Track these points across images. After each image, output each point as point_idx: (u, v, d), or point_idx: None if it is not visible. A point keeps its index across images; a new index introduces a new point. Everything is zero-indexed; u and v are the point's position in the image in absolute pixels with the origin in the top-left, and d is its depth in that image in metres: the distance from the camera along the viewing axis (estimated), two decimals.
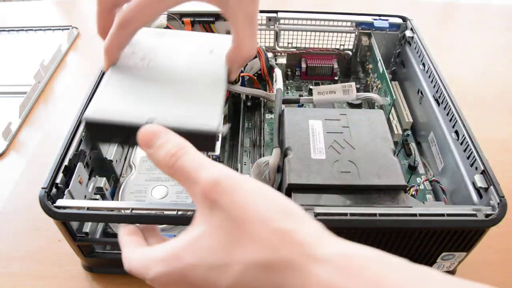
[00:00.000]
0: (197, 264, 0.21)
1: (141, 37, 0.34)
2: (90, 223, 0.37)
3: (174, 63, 0.33)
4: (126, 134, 0.28)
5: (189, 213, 0.33)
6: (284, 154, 0.40)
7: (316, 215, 0.33)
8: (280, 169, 0.40)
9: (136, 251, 0.25)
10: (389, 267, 0.19)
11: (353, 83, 0.47)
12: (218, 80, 0.32)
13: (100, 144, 0.43)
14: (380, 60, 0.54)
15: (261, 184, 0.23)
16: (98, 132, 0.29)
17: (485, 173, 0.37)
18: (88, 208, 0.32)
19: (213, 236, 0.22)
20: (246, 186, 0.22)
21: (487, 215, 0.33)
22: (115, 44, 0.30)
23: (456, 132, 0.42)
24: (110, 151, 0.45)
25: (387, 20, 0.57)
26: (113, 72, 0.31)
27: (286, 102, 0.50)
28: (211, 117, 0.29)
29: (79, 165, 0.37)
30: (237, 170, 0.46)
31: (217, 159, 0.43)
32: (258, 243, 0.20)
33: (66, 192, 0.35)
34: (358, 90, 0.57)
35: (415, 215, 0.33)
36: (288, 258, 0.20)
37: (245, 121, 0.54)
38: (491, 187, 0.35)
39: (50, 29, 0.76)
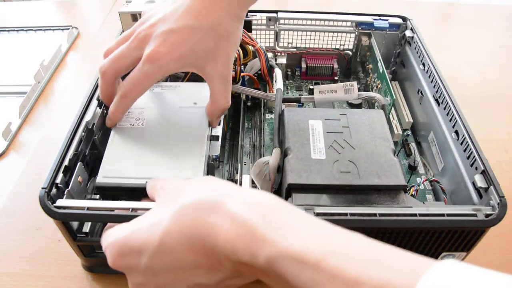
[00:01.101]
0: (138, 228, 0.26)
1: None
2: (90, 223, 0.37)
3: (164, 120, 0.40)
4: (130, 193, 0.35)
5: None
6: (284, 154, 0.40)
7: (316, 215, 0.33)
8: (280, 169, 0.40)
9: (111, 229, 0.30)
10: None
11: (354, 83, 0.47)
12: (201, 132, 0.39)
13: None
14: (380, 60, 0.54)
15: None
16: (107, 193, 0.36)
17: (485, 173, 0.37)
18: (88, 208, 0.32)
19: (156, 208, 0.28)
20: (191, 182, 0.29)
21: (487, 215, 0.33)
22: (119, 110, 0.38)
23: (456, 132, 0.42)
24: None
25: (387, 20, 0.58)
26: (115, 134, 0.39)
27: (287, 101, 0.50)
28: (197, 174, 0.36)
29: (79, 165, 0.37)
30: (237, 170, 0.46)
31: (217, 159, 0.43)
32: (182, 197, 0.26)
33: (66, 192, 0.35)
34: (358, 90, 0.57)
35: (415, 215, 0.33)
36: (211, 198, 0.25)
37: (245, 121, 0.54)
38: (491, 187, 0.35)
39: (50, 29, 0.76)
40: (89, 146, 0.40)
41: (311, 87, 0.60)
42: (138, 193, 0.34)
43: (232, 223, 0.23)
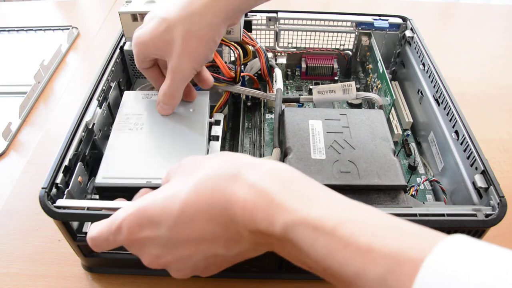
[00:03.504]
0: (156, 200, 0.26)
1: (133, 101, 0.43)
2: (90, 223, 0.37)
3: (162, 124, 0.41)
4: (130, 193, 0.34)
5: None
6: (284, 154, 0.40)
7: None
8: None
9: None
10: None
11: (352, 82, 0.47)
12: (200, 134, 0.40)
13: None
14: (380, 60, 0.54)
15: None
16: (107, 193, 0.36)
17: (485, 173, 0.37)
18: (88, 208, 0.32)
19: (173, 181, 0.28)
20: (208, 156, 0.29)
21: (487, 215, 0.33)
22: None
23: (456, 132, 0.42)
24: None
25: (387, 20, 0.58)
26: (114, 137, 0.39)
27: (286, 101, 0.50)
28: None
29: (79, 165, 0.37)
30: None
31: None
32: (201, 170, 0.26)
33: (66, 192, 0.35)
34: (358, 90, 0.57)
35: (415, 215, 0.33)
36: (231, 169, 0.25)
37: (245, 121, 0.54)
38: (491, 187, 0.35)
39: (50, 29, 0.76)
40: (89, 146, 0.40)
41: (311, 87, 0.60)
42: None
43: (251, 191, 0.24)
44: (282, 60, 0.59)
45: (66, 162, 0.36)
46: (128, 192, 0.35)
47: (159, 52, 0.37)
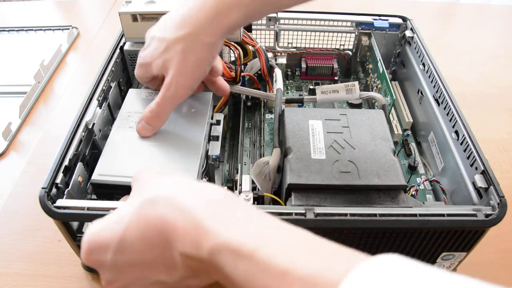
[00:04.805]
0: (105, 225, 0.27)
1: (136, 99, 0.43)
2: (90, 223, 0.37)
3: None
4: (124, 191, 0.34)
5: None
6: (284, 154, 0.40)
7: (316, 215, 0.33)
8: (280, 169, 0.40)
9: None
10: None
11: (356, 82, 0.47)
12: (198, 136, 0.40)
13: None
14: (380, 60, 0.54)
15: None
16: (102, 190, 0.36)
17: (485, 173, 0.37)
18: (88, 208, 0.32)
19: (125, 202, 0.28)
20: (154, 177, 0.29)
21: (487, 215, 0.33)
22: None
23: (456, 132, 0.42)
24: None
25: (387, 20, 0.58)
26: (114, 135, 0.39)
27: (289, 101, 0.50)
28: (191, 175, 0.36)
29: (79, 165, 0.37)
30: (237, 170, 0.46)
31: (217, 159, 0.43)
32: (144, 192, 0.27)
33: (66, 192, 0.35)
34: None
35: (415, 215, 0.33)
36: (166, 192, 0.26)
37: (245, 121, 0.54)
38: (491, 187, 0.35)
39: (50, 29, 0.76)
40: (89, 146, 0.40)
41: (312, 87, 0.60)
42: None
43: (182, 216, 0.24)
44: (282, 60, 0.59)
45: (66, 162, 0.36)
46: (122, 190, 0.35)
47: (161, 70, 0.38)
